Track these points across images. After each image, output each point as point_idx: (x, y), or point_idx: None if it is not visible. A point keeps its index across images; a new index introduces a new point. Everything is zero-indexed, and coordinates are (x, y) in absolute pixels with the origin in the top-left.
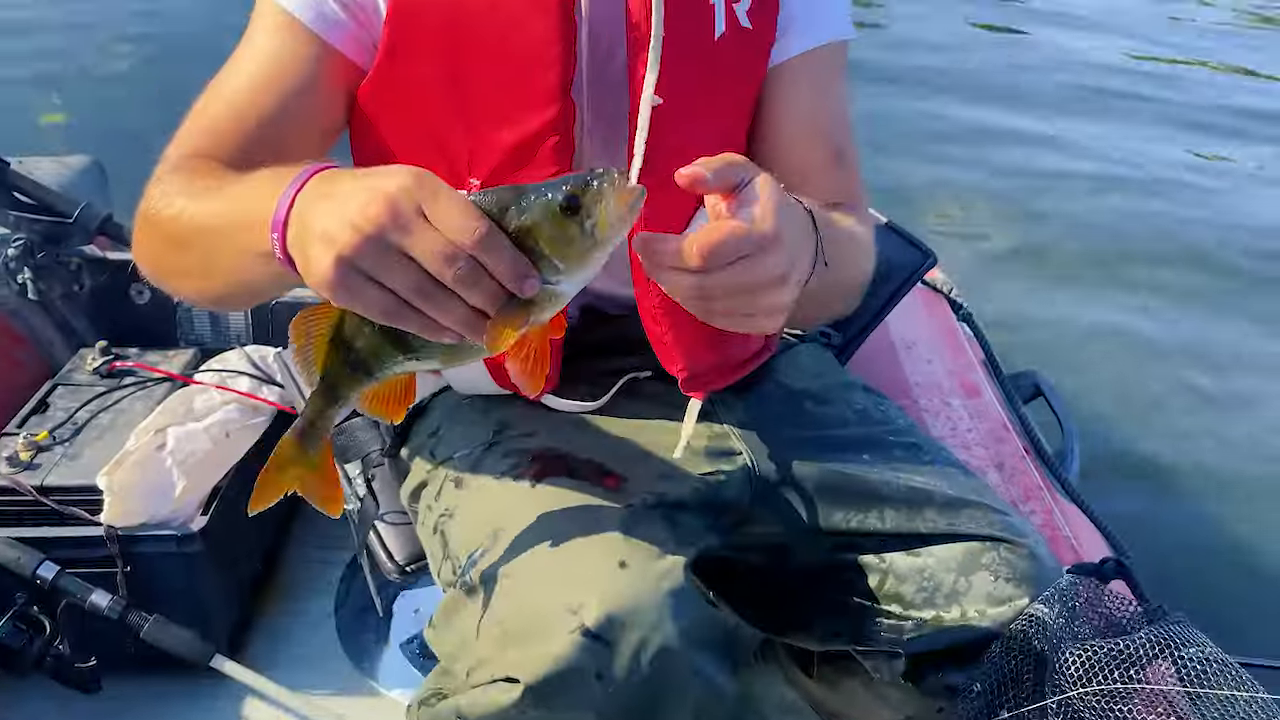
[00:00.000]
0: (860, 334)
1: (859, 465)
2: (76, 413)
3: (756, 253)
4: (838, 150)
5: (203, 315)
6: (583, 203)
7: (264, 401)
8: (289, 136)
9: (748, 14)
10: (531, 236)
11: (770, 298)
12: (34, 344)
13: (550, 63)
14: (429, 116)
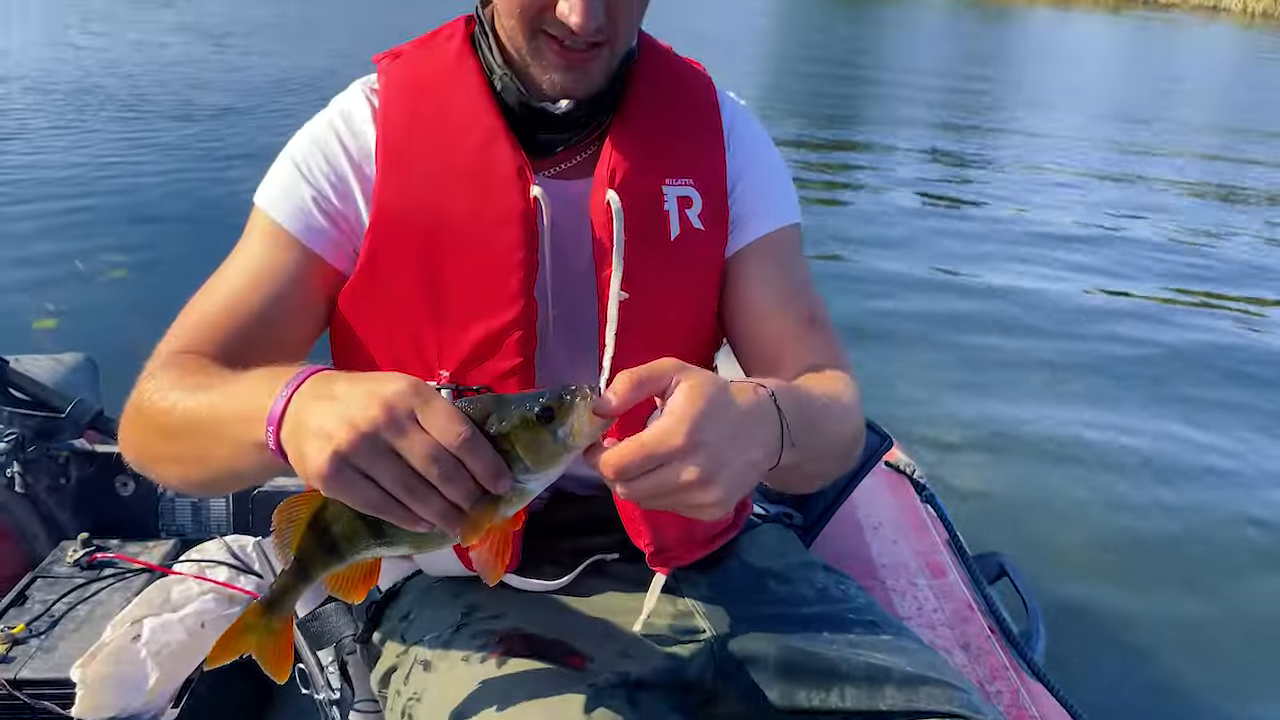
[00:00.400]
0: (823, 515)
1: (820, 644)
2: (54, 605)
3: (667, 464)
4: (809, 315)
5: (185, 506)
6: (556, 414)
7: (241, 591)
8: (275, 333)
9: (699, 217)
10: (508, 441)
11: (693, 498)
12: (17, 537)
13: (514, 268)
14: (404, 315)
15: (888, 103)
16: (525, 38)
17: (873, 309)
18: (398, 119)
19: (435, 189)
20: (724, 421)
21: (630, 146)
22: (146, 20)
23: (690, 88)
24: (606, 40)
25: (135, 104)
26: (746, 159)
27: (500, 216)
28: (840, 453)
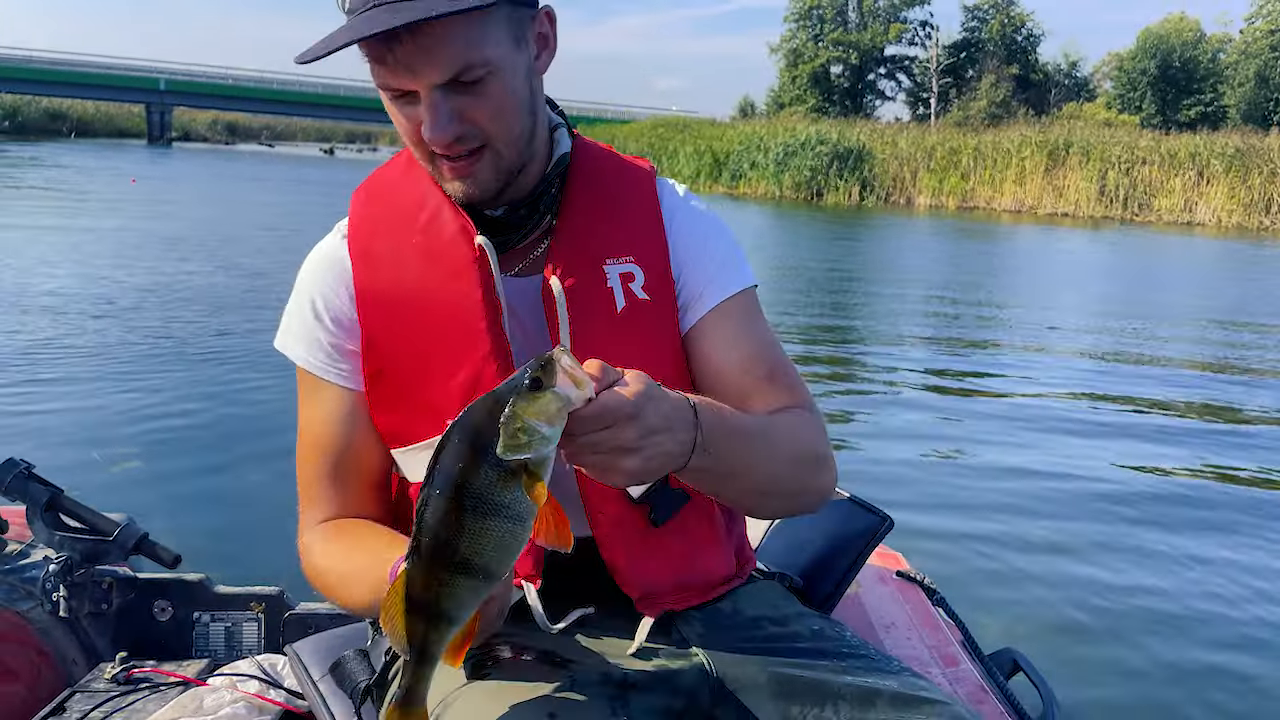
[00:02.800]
0: (833, 592)
1: (813, 669)
2: (91, 713)
3: (612, 424)
4: (769, 371)
5: (219, 630)
6: (544, 377)
7: (271, 703)
8: (365, 462)
9: (643, 289)
10: (520, 419)
11: (618, 461)
12: (56, 660)
13: (480, 328)
14: (410, 385)
15: (880, 313)
16: (424, 160)
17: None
18: (360, 226)
19: (402, 275)
20: (659, 406)
21: (571, 236)
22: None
23: (626, 180)
24: (484, 144)
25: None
26: (688, 237)
27: (452, 271)
28: (776, 472)
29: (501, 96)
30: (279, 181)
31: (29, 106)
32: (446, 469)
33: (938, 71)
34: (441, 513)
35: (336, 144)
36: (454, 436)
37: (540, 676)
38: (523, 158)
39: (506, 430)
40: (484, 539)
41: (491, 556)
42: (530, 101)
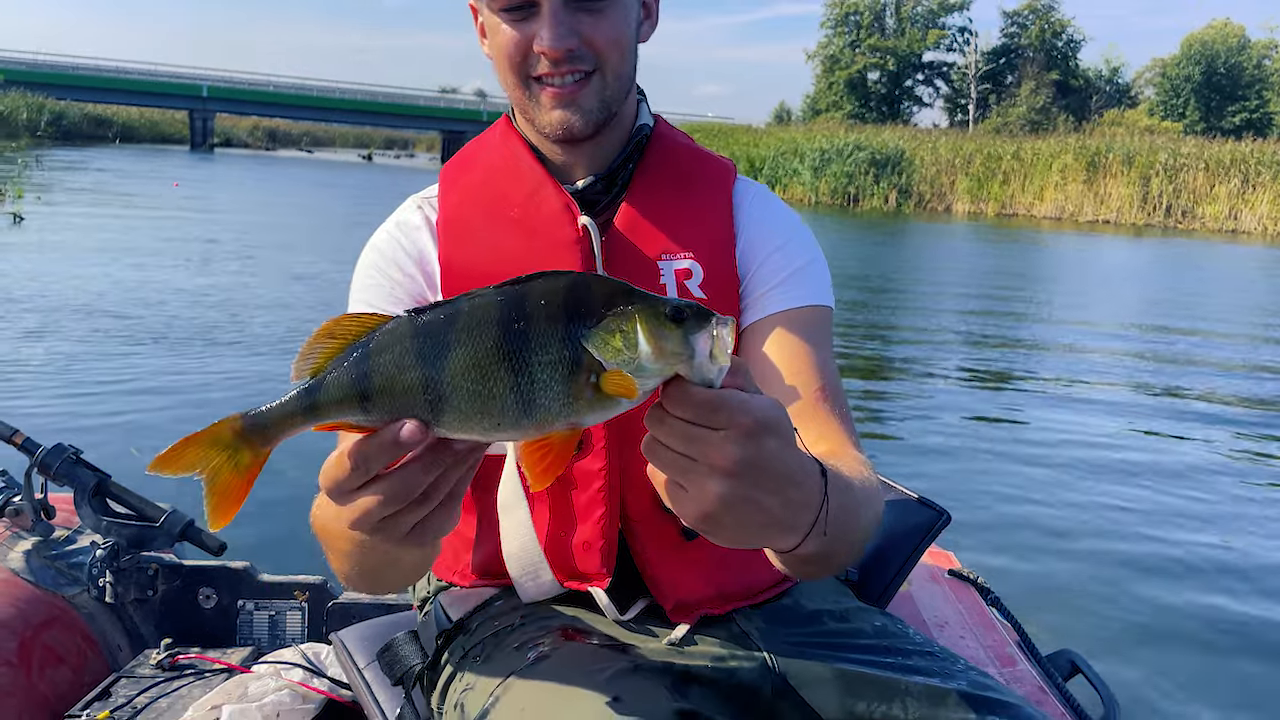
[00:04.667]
0: (889, 586)
1: (878, 666)
2: (136, 698)
3: (725, 428)
4: (822, 389)
5: (262, 619)
6: (689, 316)
7: (315, 691)
8: None
9: (700, 287)
10: (631, 321)
11: (713, 482)
12: (102, 647)
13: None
14: None
15: (924, 314)
16: (521, 88)
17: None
18: (455, 201)
19: (497, 244)
20: (785, 449)
21: (633, 222)
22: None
23: (700, 170)
24: (595, 69)
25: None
26: (761, 238)
27: (553, 245)
28: (862, 540)
29: (620, 24)
30: (317, 185)
31: (75, 112)
32: (524, 293)
33: (976, 78)
34: (476, 312)
35: (374, 149)
36: (562, 279)
37: (602, 660)
38: (622, 101)
39: (612, 321)
40: (478, 379)
41: (462, 399)
42: (635, 53)
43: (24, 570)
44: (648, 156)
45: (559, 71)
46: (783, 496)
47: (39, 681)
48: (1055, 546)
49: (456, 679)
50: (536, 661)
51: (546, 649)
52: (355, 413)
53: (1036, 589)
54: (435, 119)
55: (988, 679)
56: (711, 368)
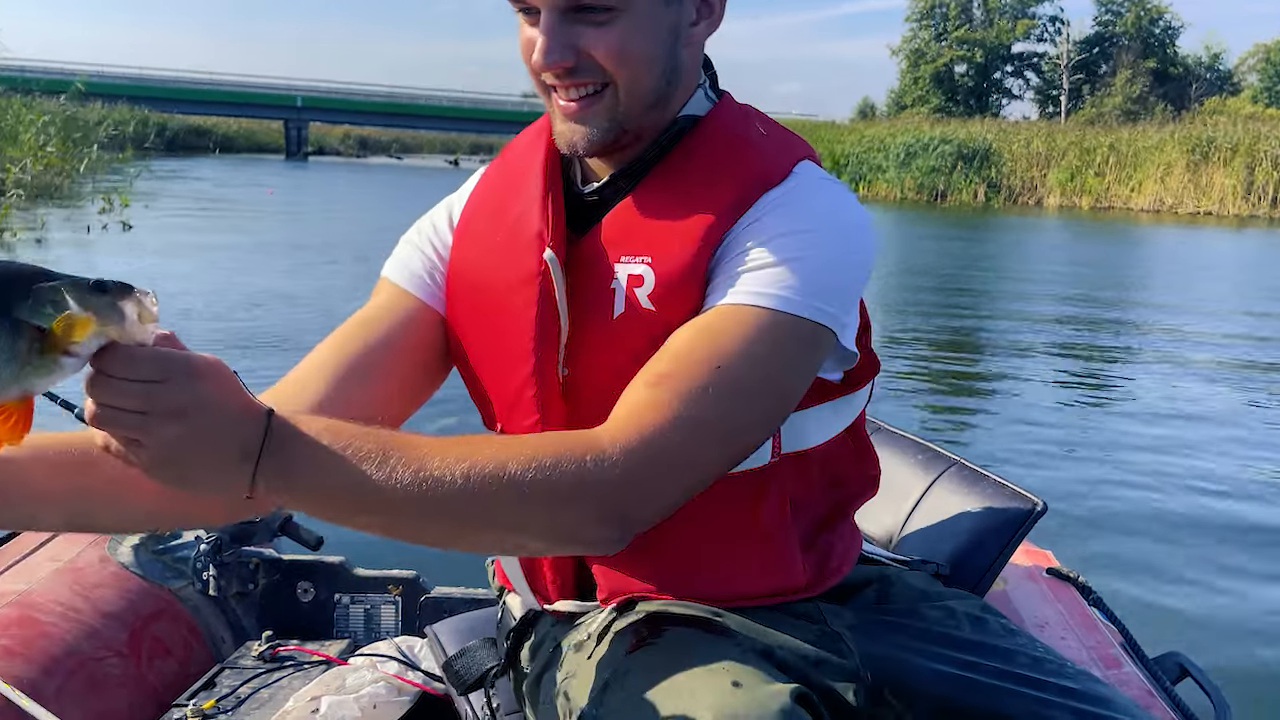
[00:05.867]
0: (978, 585)
1: (980, 671)
2: (239, 688)
3: (164, 379)
4: (658, 374)
5: (358, 613)
6: (112, 286)
7: (410, 684)
8: (382, 362)
9: (650, 296)
10: (60, 293)
11: (157, 426)
12: (205, 638)
13: (526, 327)
14: (472, 366)
15: (1018, 307)
16: (541, 91)
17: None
18: (478, 193)
19: (485, 254)
20: (223, 390)
21: (613, 226)
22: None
23: (730, 165)
24: (606, 84)
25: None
26: (750, 233)
27: (518, 279)
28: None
29: (627, 39)
30: (406, 191)
31: (177, 124)
32: None
33: (1069, 68)
34: None
35: (460, 155)
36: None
37: (711, 645)
38: (643, 120)
39: (43, 293)
40: None
41: None
42: (669, 63)
43: (133, 564)
44: (675, 151)
45: (563, 85)
46: (228, 434)
47: (148, 672)
48: (1159, 542)
49: (553, 670)
50: (640, 648)
51: (645, 632)
52: None
53: (1140, 587)
54: (518, 123)
55: (1098, 682)
56: (141, 329)
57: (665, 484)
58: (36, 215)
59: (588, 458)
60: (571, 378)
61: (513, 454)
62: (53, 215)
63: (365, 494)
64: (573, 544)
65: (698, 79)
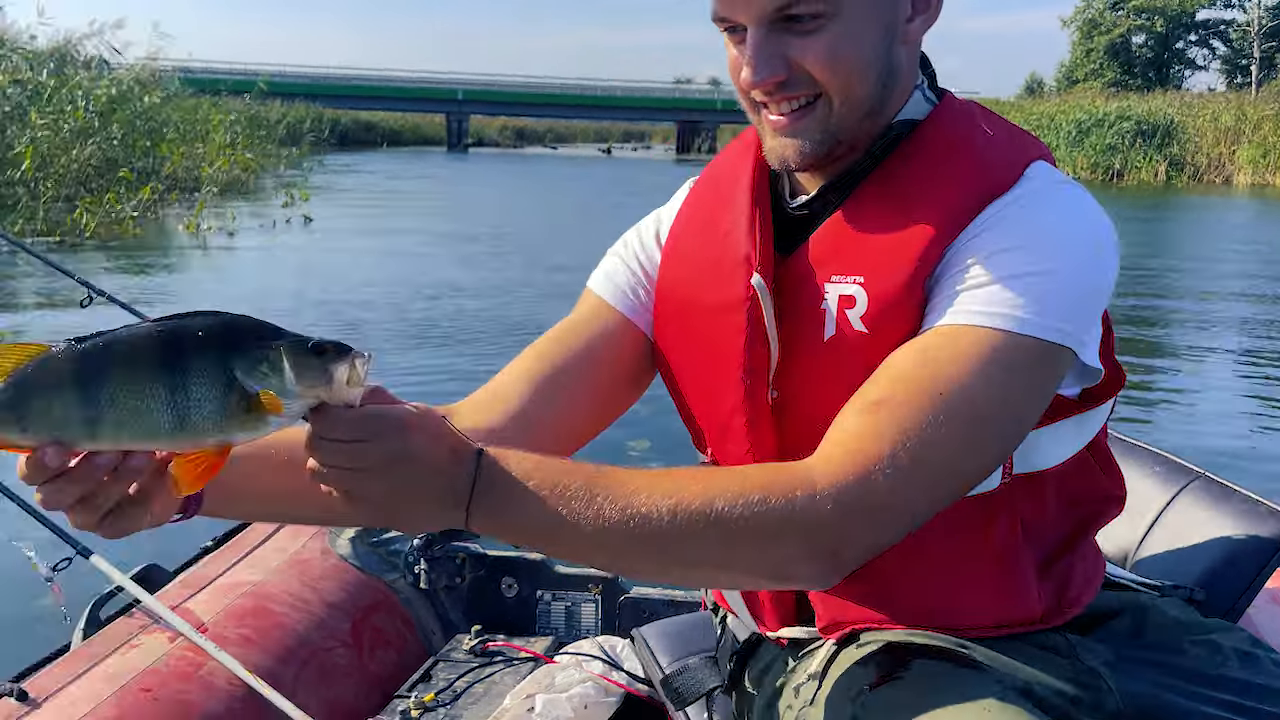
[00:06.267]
0: (1228, 613)
1: (1249, 716)
2: (455, 682)
3: (369, 439)
4: (876, 399)
5: (560, 610)
6: (331, 351)
7: (615, 684)
8: (581, 373)
9: (861, 319)
10: (280, 355)
11: (365, 482)
12: (417, 629)
13: (734, 354)
14: (681, 389)
15: (1218, 292)
16: (749, 109)
17: None
18: (686, 209)
19: (692, 274)
20: (426, 441)
21: (823, 242)
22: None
23: (956, 173)
24: (818, 95)
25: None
26: (976, 246)
27: (726, 303)
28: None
29: (839, 45)
30: (562, 180)
31: (347, 119)
32: (181, 326)
33: (1260, 35)
34: (137, 340)
35: (613, 143)
36: (217, 317)
37: (965, 681)
38: (858, 129)
39: (260, 351)
40: (136, 397)
41: (119, 415)
42: (884, 65)
43: (351, 556)
44: (890, 160)
45: (774, 100)
46: (435, 480)
47: (369, 662)
48: None
49: (783, 700)
50: (885, 682)
51: (891, 659)
52: (13, 432)
53: None
54: (670, 110)
55: None
56: (349, 391)
57: (881, 521)
58: (226, 210)
59: (797, 493)
60: (780, 403)
61: (720, 490)
62: (241, 210)
63: (573, 532)
64: (782, 581)
65: (914, 79)
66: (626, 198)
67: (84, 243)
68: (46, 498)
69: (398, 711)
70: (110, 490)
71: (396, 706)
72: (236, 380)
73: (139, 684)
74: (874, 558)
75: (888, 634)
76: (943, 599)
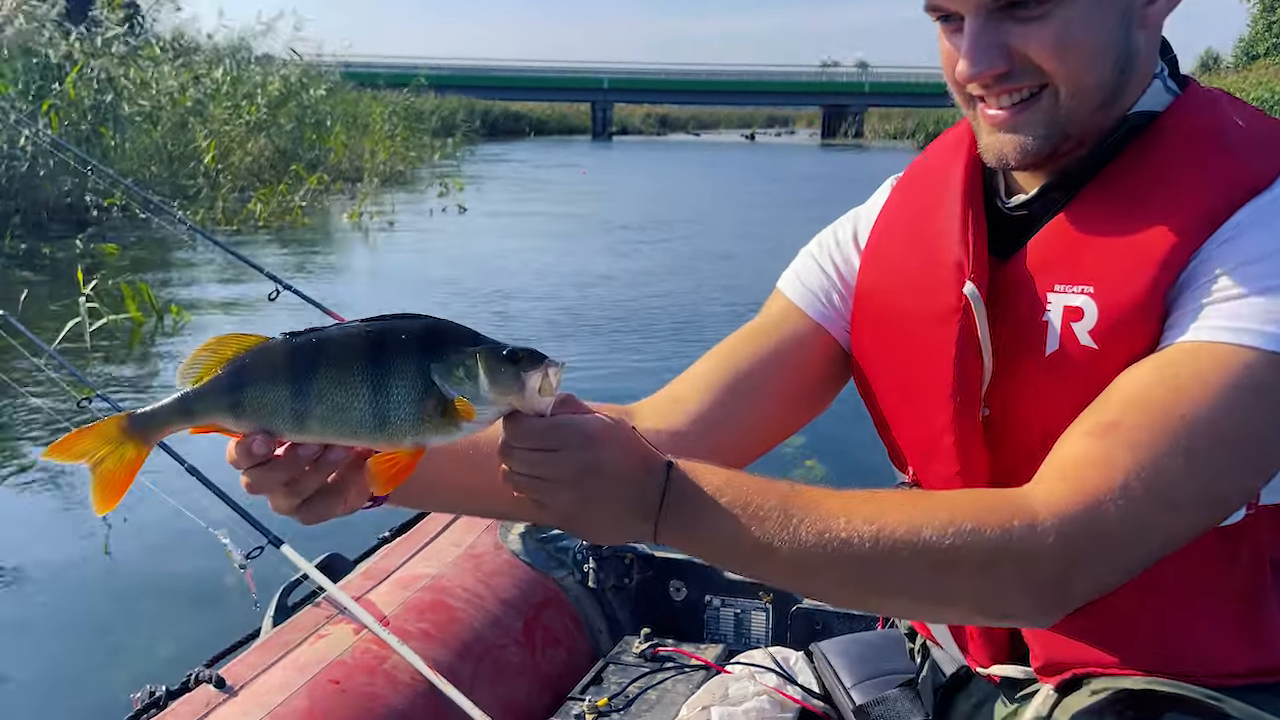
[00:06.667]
0: None
1: None
2: (628, 687)
3: (558, 449)
4: (1109, 423)
5: (729, 616)
6: (525, 359)
7: (790, 699)
8: (767, 378)
9: (1090, 333)
10: (475, 360)
11: (553, 491)
12: (585, 629)
13: (944, 368)
14: (879, 402)
15: None
16: (964, 104)
17: None
18: (889, 210)
19: (896, 281)
20: (615, 454)
21: (1045, 247)
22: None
23: (1208, 162)
24: (1043, 86)
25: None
26: (1226, 254)
27: (935, 314)
28: (839, 576)
29: (1070, 29)
30: (706, 166)
31: (497, 110)
32: (387, 328)
33: None
34: (346, 340)
35: (756, 129)
36: (421, 320)
37: None
38: (1088, 124)
39: (457, 357)
40: (341, 395)
41: (324, 411)
42: (1120, 51)
43: (521, 552)
44: (1124, 156)
45: (992, 93)
46: (624, 491)
47: (541, 660)
48: None
49: None
50: None
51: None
52: (227, 418)
53: None
54: (816, 94)
55: None
56: (541, 400)
57: (1109, 556)
58: (386, 200)
59: (1015, 523)
60: (992, 420)
61: (927, 516)
62: (399, 199)
63: (766, 553)
64: (993, 616)
65: (1154, 67)
66: (769, 184)
67: (258, 232)
68: (251, 482)
69: (571, 715)
70: (310, 479)
71: (570, 710)
72: (434, 385)
73: (327, 675)
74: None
75: (1122, 680)
76: (1178, 643)
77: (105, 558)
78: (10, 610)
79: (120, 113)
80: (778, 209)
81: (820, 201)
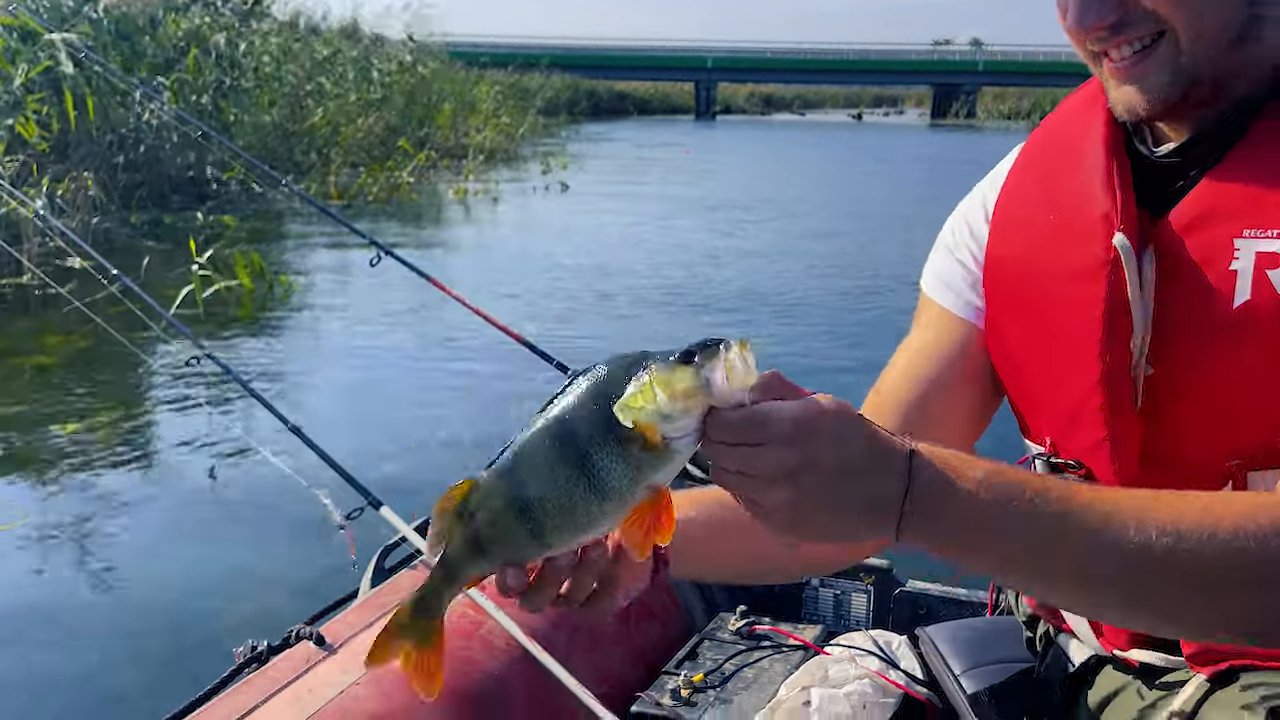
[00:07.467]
0: None
1: None
2: (724, 664)
3: (766, 441)
4: None
5: (828, 597)
6: (699, 355)
7: (892, 684)
8: (945, 400)
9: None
10: (650, 390)
11: (773, 492)
12: (681, 605)
13: (1091, 327)
14: (1016, 373)
15: None
16: (1090, 60)
17: None
18: (1016, 174)
19: (1031, 242)
20: (831, 442)
21: (1213, 194)
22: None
23: None
24: (1161, 33)
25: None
26: None
27: (1078, 270)
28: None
29: None
30: (811, 147)
31: (602, 89)
32: (564, 402)
33: None
34: (532, 440)
35: (863, 109)
36: (586, 375)
37: None
38: (1220, 63)
39: (632, 387)
40: (555, 491)
41: (552, 514)
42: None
43: None
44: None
45: (1110, 44)
46: (852, 487)
47: (635, 633)
48: None
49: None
50: None
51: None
52: (482, 565)
53: None
54: (926, 73)
55: None
56: (733, 391)
57: None
58: (490, 177)
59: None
60: (1155, 381)
61: (1236, 524)
62: (503, 176)
63: (1042, 561)
64: (1261, 638)
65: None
66: (877, 164)
67: (368, 205)
68: (524, 606)
69: (667, 689)
70: (582, 581)
71: (665, 684)
72: (624, 428)
73: None
74: None
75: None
76: None
77: (212, 515)
78: (120, 564)
79: (241, 87)
80: (886, 189)
81: (929, 181)
